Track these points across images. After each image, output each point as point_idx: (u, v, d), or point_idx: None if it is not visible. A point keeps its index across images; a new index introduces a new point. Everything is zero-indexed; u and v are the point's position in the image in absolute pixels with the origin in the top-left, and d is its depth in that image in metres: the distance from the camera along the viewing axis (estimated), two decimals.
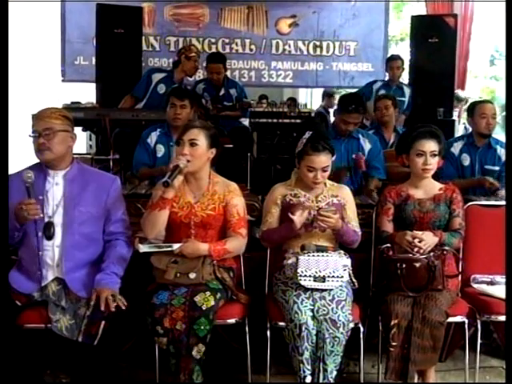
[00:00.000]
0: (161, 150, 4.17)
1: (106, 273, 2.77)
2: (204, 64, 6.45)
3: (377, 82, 6.38)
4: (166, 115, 4.19)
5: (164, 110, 4.26)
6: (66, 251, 2.76)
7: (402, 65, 6.30)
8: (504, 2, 3.20)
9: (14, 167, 2.86)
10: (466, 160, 4.12)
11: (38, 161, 2.85)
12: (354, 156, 4.09)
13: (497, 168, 4.03)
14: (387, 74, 6.41)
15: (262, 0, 7.74)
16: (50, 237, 2.71)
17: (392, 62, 6.31)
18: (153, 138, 4.20)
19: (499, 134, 5.62)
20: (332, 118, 5.07)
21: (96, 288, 2.69)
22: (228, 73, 6.09)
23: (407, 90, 6.30)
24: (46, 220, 2.74)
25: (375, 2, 7.78)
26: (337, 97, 7.30)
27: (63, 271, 2.76)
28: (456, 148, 4.15)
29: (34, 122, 2.76)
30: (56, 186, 2.80)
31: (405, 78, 7.09)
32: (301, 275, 2.85)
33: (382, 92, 5.96)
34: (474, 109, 4.13)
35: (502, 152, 4.04)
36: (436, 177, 3.24)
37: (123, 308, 2.66)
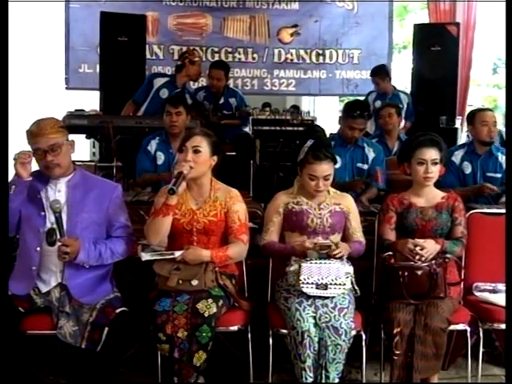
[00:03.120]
0: (161, 158, 4.21)
1: (96, 245, 2.79)
2: (206, 72, 6.49)
3: (372, 92, 6.38)
4: (164, 123, 4.23)
5: (161, 117, 4.30)
6: None
7: (387, 75, 6.23)
8: None
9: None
10: (468, 168, 4.12)
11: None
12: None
13: (499, 175, 4.03)
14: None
15: (264, 0, 7.78)
16: (52, 243, 2.71)
17: (374, 78, 6.31)
18: (153, 145, 4.24)
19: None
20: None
21: (77, 239, 2.71)
22: (231, 81, 6.13)
23: (404, 97, 6.26)
24: (49, 226, 2.74)
25: (379, 2, 7.80)
26: None
27: (66, 276, 2.76)
28: (457, 156, 4.15)
29: (35, 139, 2.70)
30: (58, 193, 2.80)
31: (407, 85, 7.11)
32: (303, 282, 2.85)
33: (378, 102, 5.97)
34: (475, 117, 4.13)
35: (503, 159, 4.05)
36: (436, 185, 3.24)
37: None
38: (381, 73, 6.27)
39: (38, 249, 2.75)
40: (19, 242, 2.87)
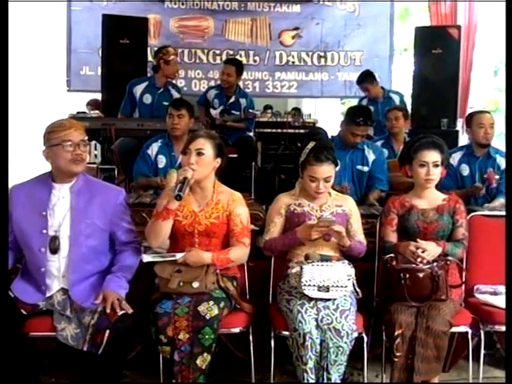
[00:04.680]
0: (162, 161, 4.20)
1: (116, 275, 2.79)
2: (209, 74, 6.53)
3: (364, 98, 6.35)
4: (166, 126, 4.24)
5: (163, 120, 4.31)
6: (73, 263, 2.75)
7: (375, 79, 6.17)
8: None
9: (19, 174, 2.87)
10: (466, 170, 4.15)
11: (41, 172, 2.87)
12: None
13: (497, 177, 4.05)
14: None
15: (265, 2, 7.79)
16: (55, 251, 2.72)
17: (362, 86, 6.27)
18: (154, 148, 4.23)
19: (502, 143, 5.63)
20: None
21: (104, 290, 2.71)
22: None
23: (396, 97, 6.20)
24: (52, 234, 2.74)
25: (380, 5, 7.81)
26: None
27: (69, 283, 2.76)
28: (455, 159, 4.18)
29: (68, 131, 2.70)
30: (62, 200, 2.78)
31: (408, 87, 7.10)
32: (305, 285, 2.85)
33: (370, 108, 5.95)
34: (472, 119, 4.17)
35: (501, 161, 4.07)
36: (435, 187, 3.25)
37: (129, 312, 2.65)
38: (368, 78, 6.20)
39: (43, 249, 2.74)
40: (21, 247, 2.83)
